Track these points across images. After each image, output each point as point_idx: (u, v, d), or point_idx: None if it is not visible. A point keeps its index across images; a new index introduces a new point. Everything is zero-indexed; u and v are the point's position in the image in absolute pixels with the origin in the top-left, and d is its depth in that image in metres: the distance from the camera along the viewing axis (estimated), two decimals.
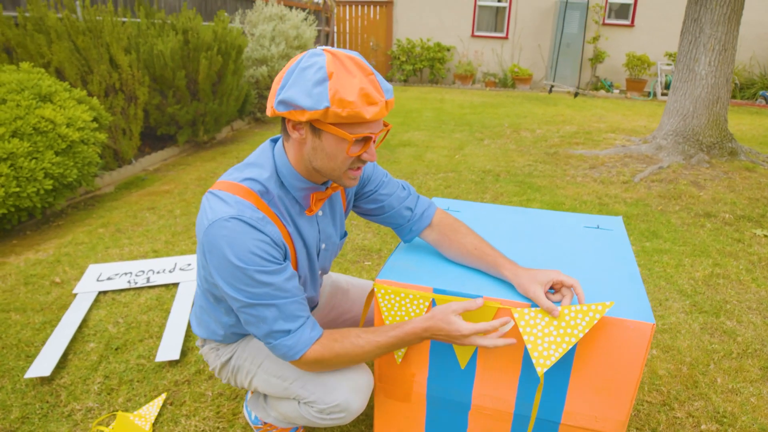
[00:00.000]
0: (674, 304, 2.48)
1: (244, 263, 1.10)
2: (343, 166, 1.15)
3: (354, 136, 1.08)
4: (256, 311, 1.14)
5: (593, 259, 1.48)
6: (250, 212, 1.12)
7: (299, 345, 1.17)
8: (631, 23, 11.05)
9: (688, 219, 3.54)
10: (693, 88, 4.63)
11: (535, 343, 1.23)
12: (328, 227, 1.39)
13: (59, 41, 3.79)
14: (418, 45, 11.88)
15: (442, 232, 1.44)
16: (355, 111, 1.04)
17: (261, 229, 1.12)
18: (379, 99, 1.07)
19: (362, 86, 1.04)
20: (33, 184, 3.01)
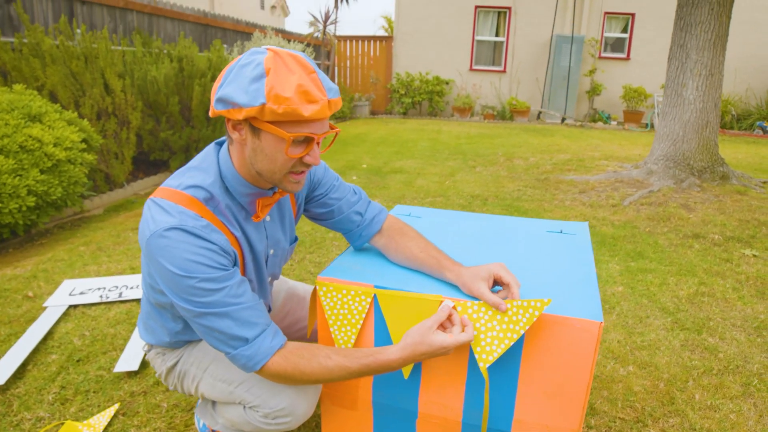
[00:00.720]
0: (655, 321, 2.42)
1: (188, 273, 1.05)
2: (284, 169, 1.10)
3: (292, 135, 1.03)
4: (208, 321, 1.08)
5: (551, 262, 1.44)
6: (192, 221, 1.07)
7: (259, 355, 1.10)
8: (627, 56, 11.23)
9: (675, 240, 3.49)
10: (682, 113, 4.64)
11: (477, 338, 1.19)
12: (277, 232, 1.35)
13: (54, 65, 3.88)
14: (417, 78, 12.10)
15: (390, 236, 1.41)
16: (291, 108, 1.00)
17: (205, 237, 1.07)
18: (319, 97, 1.03)
19: (301, 83, 1.00)
20: (15, 200, 3.02)
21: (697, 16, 4.43)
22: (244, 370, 1.13)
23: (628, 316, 2.46)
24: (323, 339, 1.36)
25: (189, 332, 1.35)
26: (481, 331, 1.19)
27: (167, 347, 1.41)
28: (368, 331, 1.31)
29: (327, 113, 1.06)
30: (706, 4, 4.36)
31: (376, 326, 1.30)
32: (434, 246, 1.35)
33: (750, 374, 2.03)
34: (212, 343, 1.12)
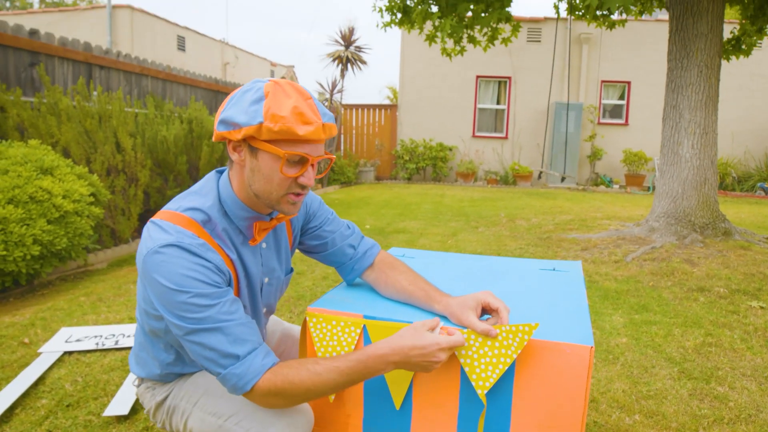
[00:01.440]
0: (661, 371, 2.35)
1: (182, 288, 1.06)
2: (281, 189, 1.14)
3: (287, 153, 1.08)
4: (200, 338, 1.07)
5: (542, 296, 1.44)
6: (188, 239, 1.10)
7: (250, 373, 1.08)
8: (625, 122, 11.54)
9: (680, 294, 3.44)
10: (680, 171, 4.72)
11: (472, 366, 1.17)
12: (272, 261, 1.36)
13: (69, 123, 4.05)
14: (421, 145, 12.42)
15: (381, 269, 1.42)
16: (286, 126, 1.05)
17: (201, 255, 1.09)
18: (314, 119, 1.08)
19: (296, 105, 1.07)
20: (20, 249, 3.06)
21: (687, 79, 4.61)
22: (234, 391, 1.10)
23: (633, 366, 2.39)
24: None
25: (180, 364, 1.33)
26: (474, 358, 1.17)
27: (157, 381, 1.38)
28: None
29: (321, 135, 1.10)
30: (694, 67, 4.55)
31: None
32: (423, 279, 1.36)
33: (763, 423, 1.94)
34: (203, 363, 1.10)
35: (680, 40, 4.65)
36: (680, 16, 4.64)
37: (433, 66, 12.27)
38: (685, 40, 4.61)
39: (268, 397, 1.10)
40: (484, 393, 1.17)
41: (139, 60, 5.49)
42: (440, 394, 1.24)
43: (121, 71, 5.20)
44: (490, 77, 12.32)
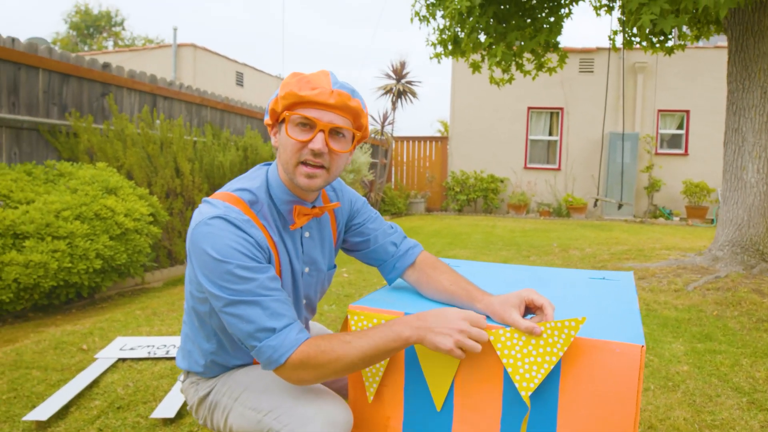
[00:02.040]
0: (727, 401, 2.17)
1: (225, 258, 1.10)
2: (294, 157, 1.18)
3: (290, 113, 1.15)
4: (238, 309, 1.11)
5: (592, 302, 1.38)
6: (235, 214, 1.16)
7: (285, 346, 1.10)
8: (685, 152, 11.10)
9: (748, 324, 3.21)
10: (744, 197, 4.46)
11: (515, 366, 1.13)
12: (314, 251, 1.38)
13: (133, 147, 4.31)
14: (471, 176, 12.37)
15: (422, 269, 1.42)
16: (290, 90, 1.13)
17: (245, 230, 1.15)
18: (319, 85, 1.14)
19: (305, 76, 1.16)
20: (84, 262, 3.24)
21: (749, 101, 4.40)
22: (268, 365, 1.12)
23: (696, 395, 2.23)
24: (353, 374, 1.33)
25: (222, 353, 1.35)
26: (517, 358, 1.13)
27: (201, 377, 1.41)
28: (399, 358, 1.28)
29: (327, 99, 1.14)
30: (757, 88, 4.35)
31: (406, 355, 1.27)
32: (465, 279, 1.34)
33: None
34: (239, 336, 1.13)
35: (741, 61, 4.48)
36: (740, 36, 4.48)
37: (484, 98, 12.31)
38: (746, 61, 4.44)
39: (299, 370, 1.11)
40: (528, 395, 1.12)
41: (199, 91, 5.81)
42: (483, 396, 1.20)
43: (183, 102, 5.52)
44: (542, 108, 12.22)
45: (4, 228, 2.99)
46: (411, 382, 1.27)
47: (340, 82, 1.18)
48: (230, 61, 12.50)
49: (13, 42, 3.81)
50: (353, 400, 1.35)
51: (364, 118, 1.25)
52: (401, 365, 1.28)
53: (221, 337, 1.31)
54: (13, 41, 3.81)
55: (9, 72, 3.77)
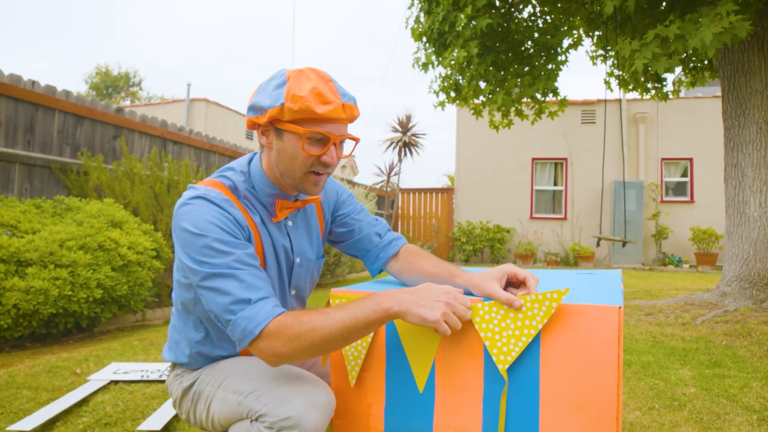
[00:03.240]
0: (736, 418, 2.09)
1: (203, 231, 1.13)
2: (303, 168, 1.20)
3: (307, 131, 1.15)
4: (215, 282, 1.11)
5: (577, 286, 1.38)
6: (214, 194, 1.19)
7: (260, 316, 1.08)
8: (691, 199, 11.10)
9: (759, 352, 3.11)
10: (749, 231, 4.43)
11: (492, 339, 1.12)
12: (302, 241, 1.39)
13: (141, 185, 4.42)
14: (478, 227, 12.39)
15: (405, 258, 1.43)
16: (305, 105, 1.12)
17: (223, 207, 1.17)
18: (333, 99, 1.15)
19: (315, 86, 1.15)
20: (85, 290, 3.25)
21: (745, 136, 4.46)
22: (243, 338, 1.09)
23: (703, 413, 2.15)
24: (334, 356, 1.32)
25: (208, 344, 1.35)
26: (495, 332, 1.12)
27: (186, 368, 1.40)
28: (379, 341, 1.27)
29: (341, 114, 1.17)
30: (752, 124, 4.42)
31: (387, 337, 1.26)
32: (448, 262, 1.35)
33: None
34: (216, 311, 1.11)
35: (734, 99, 4.58)
36: (731, 76, 4.60)
37: (489, 149, 12.54)
38: (739, 99, 4.53)
39: (274, 340, 1.07)
40: (506, 368, 1.10)
41: (208, 138, 6.00)
42: (464, 374, 1.17)
43: (192, 147, 5.69)
44: (546, 159, 12.39)
45: (8, 255, 3.04)
46: (392, 366, 1.26)
47: (344, 90, 1.20)
48: (241, 116, 12.94)
49: (33, 84, 4.01)
50: (335, 387, 1.32)
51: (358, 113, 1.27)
52: (382, 349, 1.26)
53: (207, 326, 1.32)
54: (33, 84, 4.01)
55: (27, 112, 3.94)
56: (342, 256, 7.28)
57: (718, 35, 3.45)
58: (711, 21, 3.49)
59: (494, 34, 5.70)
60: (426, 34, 5.74)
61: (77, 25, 53.85)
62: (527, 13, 6.11)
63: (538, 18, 6.09)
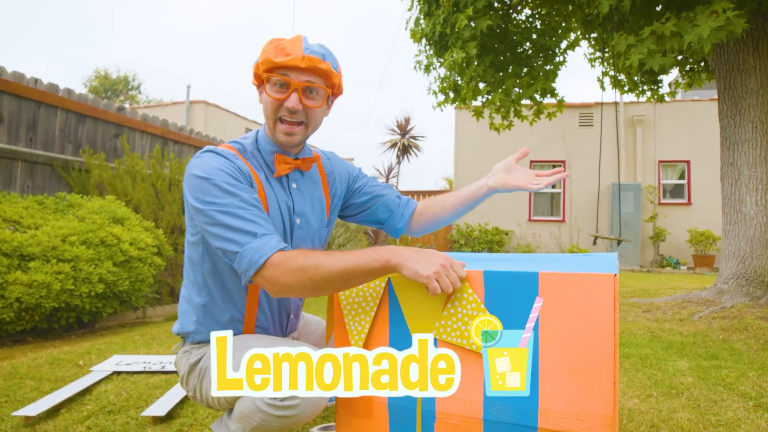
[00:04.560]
0: (732, 404, 2.11)
1: (210, 175, 1.23)
2: (273, 116, 1.32)
3: (267, 74, 1.29)
4: (222, 219, 1.18)
5: (574, 261, 1.41)
6: (222, 149, 1.32)
7: (266, 248, 1.15)
8: (688, 201, 11.15)
9: (756, 346, 3.14)
10: (745, 229, 4.47)
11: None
12: (304, 204, 1.45)
13: (142, 183, 4.45)
14: (476, 229, 12.43)
15: (425, 205, 1.60)
16: (266, 57, 1.27)
17: (230, 159, 1.29)
18: (292, 51, 1.27)
19: (280, 43, 1.29)
20: (87, 285, 3.27)
21: (741, 135, 4.51)
22: (249, 268, 1.16)
23: (700, 399, 2.17)
24: (338, 334, 1.34)
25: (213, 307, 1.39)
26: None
27: (194, 344, 1.43)
28: (382, 319, 1.29)
29: (299, 63, 1.27)
30: (748, 123, 4.47)
31: (390, 312, 1.28)
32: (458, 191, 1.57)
33: None
34: (224, 248, 1.19)
35: (730, 98, 4.63)
36: (727, 75, 4.65)
37: (487, 152, 12.59)
38: (735, 98, 4.58)
39: (279, 269, 1.14)
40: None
41: (208, 137, 6.03)
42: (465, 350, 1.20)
43: (192, 146, 5.72)
44: (544, 161, 12.44)
45: (11, 249, 3.06)
46: (396, 344, 1.28)
47: (312, 47, 1.31)
48: (240, 118, 12.99)
49: (36, 82, 4.04)
50: None
51: (336, 78, 1.36)
52: (386, 325, 1.29)
53: (212, 288, 1.37)
54: (36, 82, 4.04)
55: (29, 109, 3.97)
56: None
57: (715, 31, 3.49)
58: (707, 18, 3.54)
59: (493, 35, 5.75)
60: (427, 36, 5.79)
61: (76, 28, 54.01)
62: (525, 14, 6.17)
63: (536, 20, 6.14)
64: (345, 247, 7.30)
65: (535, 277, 1.13)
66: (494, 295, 1.16)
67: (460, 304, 1.18)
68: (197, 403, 1.52)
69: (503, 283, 1.16)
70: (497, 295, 1.16)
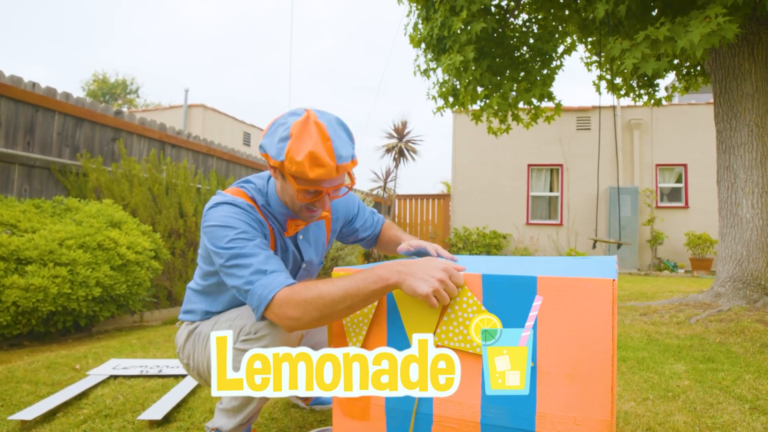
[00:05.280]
0: (729, 407, 2.12)
1: (227, 224, 1.29)
2: (300, 205, 1.40)
3: (300, 188, 1.31)
4: (238, 260, 1.25)
5: (572, 265, 1.42)
6: (240, 201, 1.37)
7: (273, 284, 1.21)
8: (685, 205, 11.19)
9: (752, 348, 3.14)
10: (742, 233, 4.49)
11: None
12: (309, 251, 1.59)
13: (139, 187, 4.44)
14: (474, 233, 12.44)
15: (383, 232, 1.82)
16: (300, 169, 1.26)
17: (246, 210, 1.35)
18: (327, 162, 1.26)
19: (312, 150, 1.24)
20: (84, 289, 3.27)
21: (737, 139, 4.53)
22: (259, 305, 1.22)
23: (697, 402, 2.18)
24: (336, 335, 1.35)
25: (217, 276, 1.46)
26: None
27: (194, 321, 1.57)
28: (380, 320, 1.30)
29: (333, 175, 1.29)
30: (744, 127, 4.49)
31: (388, 314, 1.29)
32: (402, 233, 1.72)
33: None
34: (237, 286, 1.25)
35: (726, 102, 4.65)
36: (723, 79, 4.68)
37: (485, 156, 12.62)
38: (731, 102, 4.61)
39: (285, 306, 1.19)
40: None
41: (206, 141, 6.03)
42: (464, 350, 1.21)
43: (190, 150, 5.72)
44: (541, 165, 12.47)
45: (8, 253, 3.06)
46: (394, 343, 1.28)
47: (339, 150, 1.29)
48: (238, 122, 12.99)
49: (33, 86, 4.04)
50: None
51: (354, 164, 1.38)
52: (384, 326, 1.29)
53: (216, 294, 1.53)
54: (34, 85, 4.04)
55: (27, 113, 3.97)
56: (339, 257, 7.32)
57: (707, 36, 3.52)
58: (700, 23, 3.56)
59: (490, 39, 5.77)
60: (425, 41, 5.81)
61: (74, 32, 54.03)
62: (522, 19, 6.20)
63: (533, 24, 6.17)
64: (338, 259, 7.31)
65: (533, 281, 1.13)
66: (493, 299, 1.17)
67: (460, 307, 1.19)
68: (191, 374, 1.60)
69: (502, 287, 1.16)
70: (496, 299, 1.17)
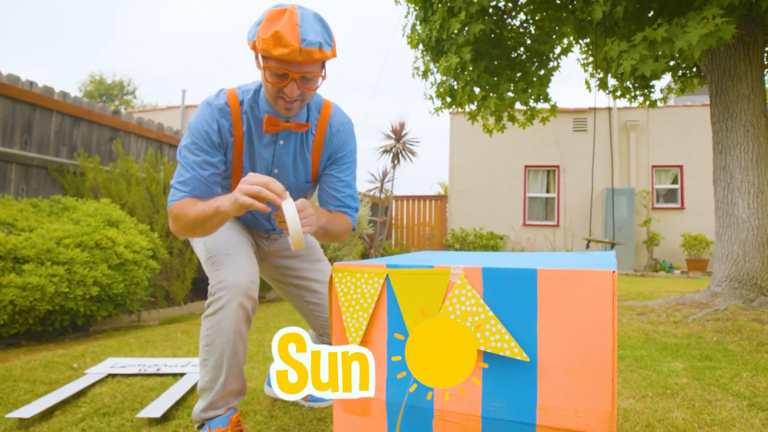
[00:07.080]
0: (727, 404, 2.13)
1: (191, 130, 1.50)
2: (272, 93, 1.44)
3: (266, 66, 1.37)
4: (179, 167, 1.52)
5: (572, 259, 1.42)
6: (221, 101, 1.51)
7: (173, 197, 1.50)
8: (681, 206, 11.23)
9: (749, 347, 3.16)
10: (738, 232, 4.51)
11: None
12: (285, 158, 1.60)
13: (137, 186, 4.43)
14: (471, 234, 12.46)
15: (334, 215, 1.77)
16: (265, 47, 1.32)
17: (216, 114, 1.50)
18: (290, 43, 1.30)
19: (278, 30, 1.30)
20: (81, 288, 3.26)
21: (733, 139, 4.56)
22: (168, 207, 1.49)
23: (695, 399, 2.19)
24: (336, 330, 1.35)
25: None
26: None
27: None
28: (381, 314, 1.30)
29: (297, 57, 1.32)
30: (740, 127, 4.51)
31: (389, 309, 1.29)
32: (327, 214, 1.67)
33: None
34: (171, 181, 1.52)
35: (722, 103, 4.68)
36: (719, 80, 4.70)
37: (482, 157, 12.64)
38: (726, 103, 4.63)
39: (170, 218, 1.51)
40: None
41: None
42: None
43: None
44: (538, 166, 12.50)
45: (5, 251, 3.05)
46: (394, 336, 1.28)
47: (308, 35, 1.32)
48: None
49: (31, 85, 4.03)
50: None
51: (330, 55, 1.40)
52: (384, 320, 1.29)
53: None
54: (31, 84, 4.03)
55: (25, 112, 3.96)
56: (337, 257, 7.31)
57: (705, 37, 3.54)
58: (697, 24, 3.58)
59: (487, 40, 5.79)
60: (423, 42, 5.82)
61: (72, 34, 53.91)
62: (519, 20, 6.22)
63: (531, 25, 6.19)
64: (340, 252, 7.29)
65: (533, 273, 1.13)
66: (493, 292, 1.17)
67: (459, 300, 1.19)
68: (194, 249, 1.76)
69: (502, 280, 1.16)
70: (496, 292, 1.17)
